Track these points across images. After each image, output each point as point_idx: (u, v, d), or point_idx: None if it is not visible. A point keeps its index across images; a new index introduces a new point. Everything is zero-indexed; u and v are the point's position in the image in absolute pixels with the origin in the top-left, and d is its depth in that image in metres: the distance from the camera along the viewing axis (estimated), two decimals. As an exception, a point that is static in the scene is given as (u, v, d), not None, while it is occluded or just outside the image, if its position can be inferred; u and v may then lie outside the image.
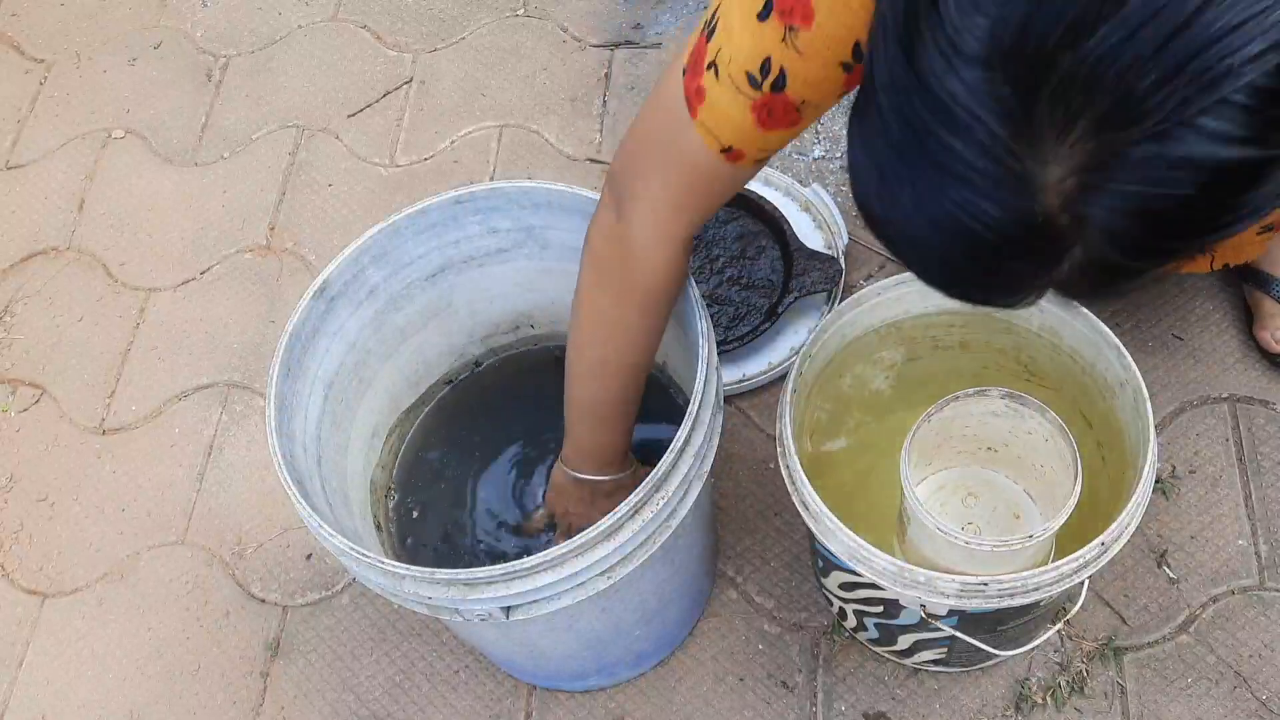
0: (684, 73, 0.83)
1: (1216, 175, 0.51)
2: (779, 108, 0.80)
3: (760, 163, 0.87)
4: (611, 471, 1.13)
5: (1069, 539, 1.05)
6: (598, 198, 0.99)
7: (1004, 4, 0.51)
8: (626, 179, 0.92)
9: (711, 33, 0.80)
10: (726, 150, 0.84)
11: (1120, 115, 0.50)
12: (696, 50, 0.82)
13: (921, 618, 1.08)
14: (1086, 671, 1.27)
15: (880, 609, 1.14)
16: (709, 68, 0.80)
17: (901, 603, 1.09)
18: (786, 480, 1.05)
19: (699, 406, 0.98)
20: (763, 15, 0.76)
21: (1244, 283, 1.43)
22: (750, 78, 0.79)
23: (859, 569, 1.01)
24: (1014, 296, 0.63)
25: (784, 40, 0.76)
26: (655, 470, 0.94)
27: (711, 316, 1.25)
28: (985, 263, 0.59)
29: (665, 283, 0.97)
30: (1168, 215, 0.53)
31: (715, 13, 0.80)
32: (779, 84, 0.78)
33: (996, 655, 1.15)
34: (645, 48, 1.82)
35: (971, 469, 1.22)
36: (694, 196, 0.90)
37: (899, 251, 0.62)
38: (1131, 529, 0.99)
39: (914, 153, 0.56)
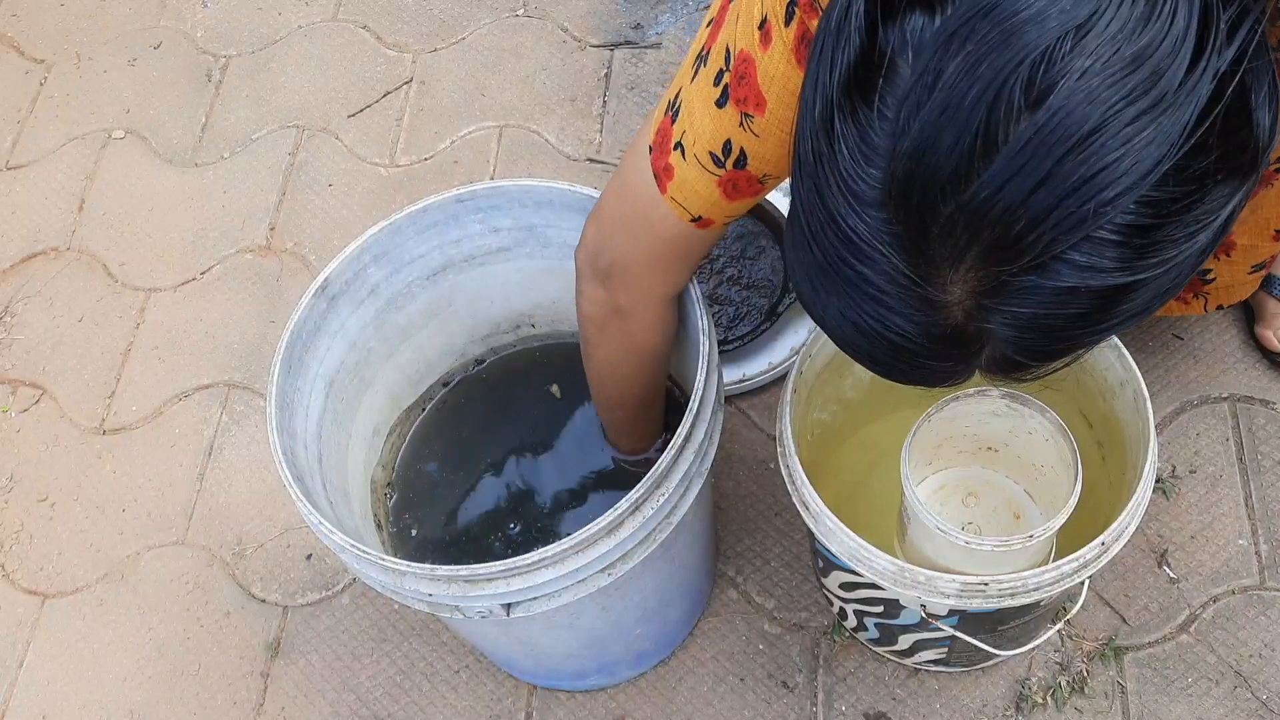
0: (650, 150, 0.89)
1: (1093, 298, 0.57)
2: (742, 181, 0.86)
3: (729, 223, 0.94)
4: (646, 449, 1.28)
5: (1069, 539, 1.05)
6: (599, 196, 1.01)
7: (890, 159, 0.57)
8: (605, 253, 0.98)
9: (676, 115, 0.86)
10: (696, 219, 0.90)
11: (1001, 252, 0.56)
12: (662, 130, 0.88)
13: (922, 618, 1.08)
14: (1087, 671, 1.27)
15: (880, 609, 1.14)
16: (675, 147, 0.86)
17: (902, 603, 1.09)
18: (786, 480, 1.06)
19: (699, 404, 0.98)
20: (720, 103, 0.82)
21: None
22: (714, 157, 0.85)
23: (859, 569, 1.01)
24: (940, 384, 0.69)
25: (741, 125, 0.82)
26: (655, 467, 0.95)
27: (712, 316, 1.25)
28: (908, 361, 0.65)
29: (660, 337, 1.06)
30: (1057, 327, 0.59)
31: (678, 95, 0.86)
32: (740, 162, 0.84)
33: (997, 655, 1.15)
34: (645, 48, 1.82)
35: (971, 469, 1.22)
36: (671, 261, 0.97)
37: (833, 341, 0.69)
38: (1131, 529, 0.99)
39: (833, 273, 0.62)
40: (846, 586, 1.14)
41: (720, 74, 0.81)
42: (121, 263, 1.73)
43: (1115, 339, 1.06)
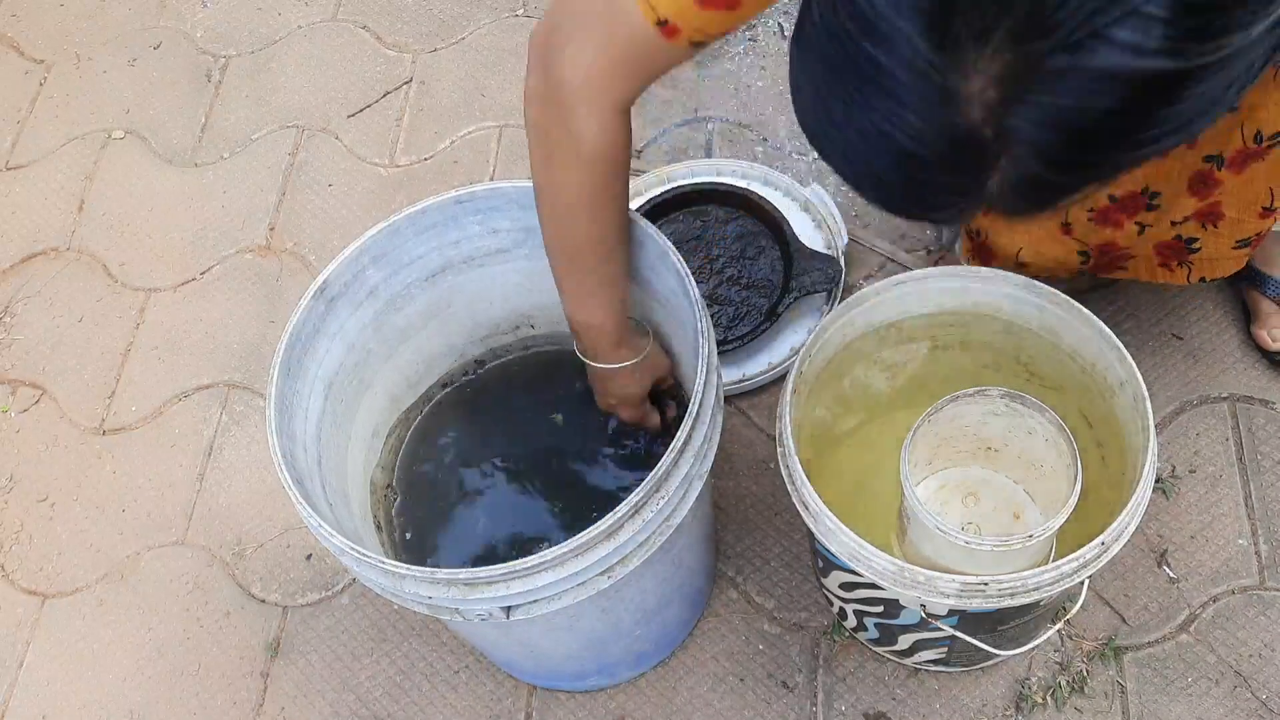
0: None
1: (1132, 87, 0.51)
2: None
3: (695, 46, 0.86)
4: (620, 358, 1.13)
5: (1069, 539, 1.05)
6: None
7: None
8: (556, 44, 0.90)
9: None
10: (662, 24, 0.83)
11: (1033, 26, 0.51)
12: None
13: (922, 618, 1.08)
14: (1087, 671, 1.27)
15: (880, 609, 1.14)
16: None
17: (901, 603, 1.09)
18: (786, 480, 1.06)
19: (699, 405, 0.98)
20: None
21: (1241, 282, 1.43)
22: None
23: (859, 569, 1.01)
24: (946, 210, 0.63)
25: None
26: (655, 470, 0.94)
27: (711, 316, 1.25)
28: (914, 176, 0.60)
29: (606, 148, 0.95)
30: (1089, 127, 0.54)
31: None
32: None
33: (997, 655, 1.15)
34: (645, 48, 1.82)
35: (971, 469, 1.22)
36: (626, 67, 0.89)
37: (835, 166, 0.63)
38: (1131, 529, 0.99)
39: (842, 67, 0.57)
40: (846, 586, 1.15)
41: None
42: (121, 263, 1.73)
43: (1115, 339, 1.06)
